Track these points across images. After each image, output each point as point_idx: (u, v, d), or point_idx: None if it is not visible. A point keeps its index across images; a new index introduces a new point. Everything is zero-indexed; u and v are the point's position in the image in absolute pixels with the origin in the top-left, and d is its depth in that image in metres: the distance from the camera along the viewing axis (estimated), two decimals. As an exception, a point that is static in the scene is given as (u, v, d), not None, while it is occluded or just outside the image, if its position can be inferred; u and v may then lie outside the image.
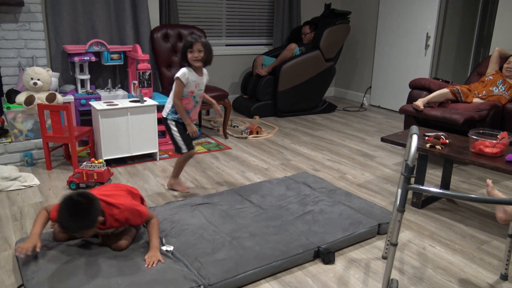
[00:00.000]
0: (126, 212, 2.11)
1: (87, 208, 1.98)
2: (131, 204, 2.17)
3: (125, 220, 2.12)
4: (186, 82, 2.71)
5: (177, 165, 2.97)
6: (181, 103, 2.74)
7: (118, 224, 2.13)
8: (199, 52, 2.66)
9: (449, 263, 2.27)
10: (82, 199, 1.98)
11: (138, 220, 2.17)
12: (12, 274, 2.06)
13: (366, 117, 5.44)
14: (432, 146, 2.76)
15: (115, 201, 2.11)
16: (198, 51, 2.66)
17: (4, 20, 3.65)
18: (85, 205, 1.98)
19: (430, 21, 5.17)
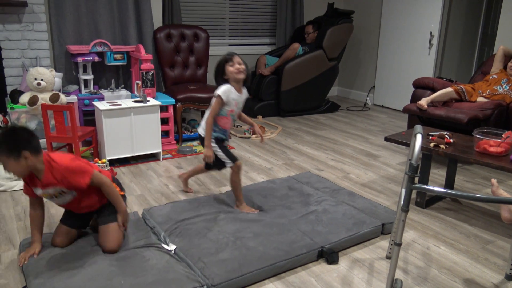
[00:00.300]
0: (63, 168, 1.96)
1: (17, 133, 1.91)
2: (72, 159, 2.03)
3: (63, 178, 1.97)
4: (227, 100, 2.53)
5: (234, 186, 2.66)
6: (215, 121, 2.58)
7: (56, 182, 1.98)
8: (239, 64, 2.51)
9: (454, 263, 2.26)
10: (19, 127, 1.96)
11: (79, 179, 1.99)
12: (17, 274, 2.07)
13: (370, 116, 5.43)
14: (436, 145, 2.75)
15: (56, 157, 1.99)
16: (239, 63, 2.51)
17: (7, 21, 3.66)
18: (17, 130, 1.93)
19: (434, 20, 5.14)
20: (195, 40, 4.66)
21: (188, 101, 4.08)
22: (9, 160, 1.90)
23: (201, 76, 4.73)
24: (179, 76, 4.60)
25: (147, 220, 2.52)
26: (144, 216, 2.57)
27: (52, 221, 2.58)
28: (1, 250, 2.27)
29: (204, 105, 4.19)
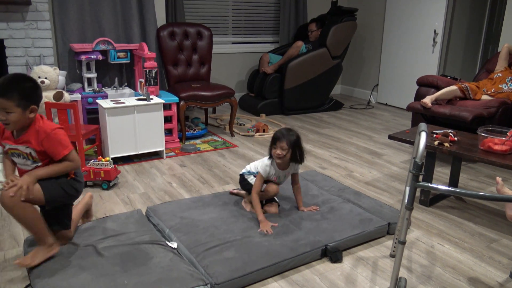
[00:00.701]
0: (51, 132, 1.95)
1: (32, 84, 1.95)
2: (61, 128, 2.01)
3: (44, 141, 1.94)
4: (266, 176, 2.52)
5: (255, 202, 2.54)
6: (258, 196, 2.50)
7: (34, 143, 1.94)
8: (282, 150, 2.40)
9: (458, 261, 2.25)
10: (31, 78, 1.99)
11: (59, 148, 1.96)
12: (21, 271, 2.07)
13: (373, 114, 5.41)
14: (441, 143, 2.74)
15: (46, 120, 2.01)
16: (281, 149, 2.40)
17: (11, 19, 3.67)
18: (32, 80, 1.97)
19: (438, 17, 5.12)
20: (199, 38, 4.66)
21: (192, 99, 4.08)
22: (16, 108, 1.87)
23: (205, 74, 4.72)
24: (183, 74, 4.60)
25: (150, 218, 2.53)
26: (148, 214, 2.57)
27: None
28: (6, 247, 2.28)
29: (208, 103, 4.19)
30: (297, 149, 2.43)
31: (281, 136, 2.41)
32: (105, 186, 3.01)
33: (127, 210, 2.72)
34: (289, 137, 2.40)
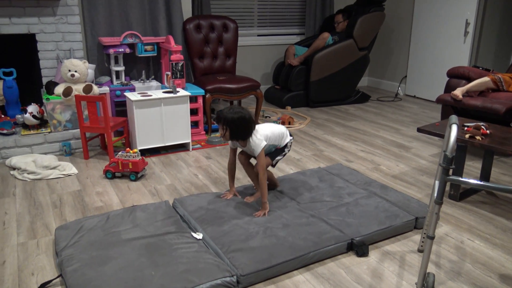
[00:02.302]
0: None
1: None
2: None
3: None
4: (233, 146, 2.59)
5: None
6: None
7: None
8: (221, 129, 2.42)
9: (489, 258, 2.19)
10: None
11: None
12: (52, 259, 2.14)
13: (401, 107, 5.31)
14: (472, 136, 2.66)
15: None
16: (220, 128, 2.43)
17: (42, 14, 3.76)
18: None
19: (470, 6, 4.96)
20: (224, 30, 4.66)
21: (217, 91, 4.10)
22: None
23: (230, 67, 4.73)
24: (208, 67, 4.62)
25: (177, 209, 2.56)
26: (175, 205, 2.61)
27: (86, 207, 2.66)
28: (39, 236, 2.36)
29: (233, 96, 4.20)
30: (235, 127, 2.37)
31: (218, 116, 2.41)
32: (133, 177, 3.07)
33: (154, 201, 2.76)
34: (226, 115, 2.37)
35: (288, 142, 2.68)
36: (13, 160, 3.25)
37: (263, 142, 2.46)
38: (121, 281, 1.88)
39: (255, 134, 2.46)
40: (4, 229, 2.43)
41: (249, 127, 2.42)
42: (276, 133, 2.60)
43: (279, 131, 2.62)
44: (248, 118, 2.41)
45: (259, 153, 2.46)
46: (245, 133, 2.43)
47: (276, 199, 2.66)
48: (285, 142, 2.66)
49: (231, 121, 2.37)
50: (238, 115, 2.37)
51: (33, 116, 3.47)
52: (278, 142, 2.62)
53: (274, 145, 2.62)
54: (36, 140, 3.45)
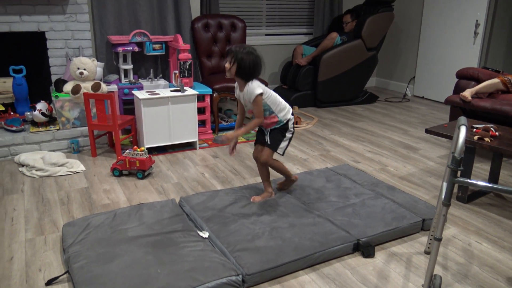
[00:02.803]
0: None
1: None
2: None
3: None
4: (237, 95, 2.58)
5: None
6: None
7: None
8: (228, 62, 2.43)
9: (497, 260, 2.18)
10: None
11: None
12: (59, 256, 2.16)
13: (409, 108, 5.28)
14: (481, 138, 2.64)
15: None
16: (227, 62, 2.44)
17: (52, 12, 3.78)
18: None
19: (480, 7, 4.92)
20: (232, 30, 4.67)
21: (225, 90, 4.10)
22: None
23: (238, 66, 4.72)
24: (216, 66, 4.63)
25: (183, 207, 2.57)
26: (181, 203, 2.62)
27: (93, 205, 2.67)
28: (47, 232, 2.37)
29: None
30: (243, 64, 2.38)
31: (229, 50, 2.43)
32: (140, 175, 3.08)
33: (161, 199, 2.77)
34: (238, 50, 2.39)
35: (290, 120, 2.59)
36: (22, 157, 3.27)
37: (259, 88, 2.42)
38: (127, 278, 1.89)
39: (255, 81, 2.46)
40: (12, 225, 2.45)
41: (256, 69, 2.43)
42: (274, 96, 2.54)
43: (280, 99, 2.57)
44: (259, 61, 2.43)
45: (255, 100, 2.42)
46: (250, 73, 2.42)
47: (282, 198, 2.65)
48: (285, 115, 2.56)
49: (242, 57, 2.38)
50: (251, 54, 2.40)
51: (42, 113, 3.50)
52: (275, 107, 2.53)
53: (270, 107, 2.52)
54: (44, 137, 3.47)
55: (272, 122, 2.57)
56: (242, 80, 2.46)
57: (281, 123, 2.57)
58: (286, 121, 2.58)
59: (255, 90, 2.41)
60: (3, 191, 2.87)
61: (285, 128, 2.59)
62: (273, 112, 2.54)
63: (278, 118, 2.55)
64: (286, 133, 2.60)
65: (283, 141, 2.60)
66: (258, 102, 2.44)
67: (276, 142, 2.58)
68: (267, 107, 2.52)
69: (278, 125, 2.57)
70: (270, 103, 2.52)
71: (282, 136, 2.59)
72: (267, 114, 2.54)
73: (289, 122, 2.59)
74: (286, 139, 2.60)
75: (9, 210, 2.62)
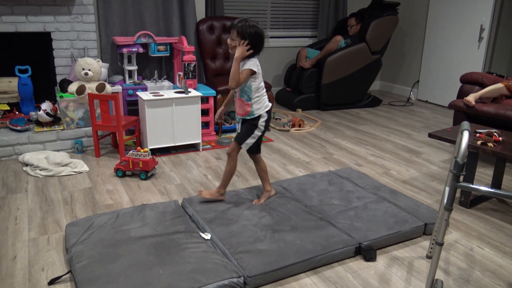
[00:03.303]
0: None
1: None
2: None
3: None
4: None
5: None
6: None
7: None
8: (230, 39, 2.43)
9: (499, 266, 2.17)
10: None
11: None
12: (62, 255, 2.17)
13: (413, 112, 5.28)
14: (484, 143, 2.64)
15: None
16: (230, 38, 2.44)
17: (58, 13, 3.81)
18: None
19: (485, 12, 4.92)
20: (237, 32, 4.67)
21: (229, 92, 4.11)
22: None
23: (242, 68, 4.74)
24: (220, 68, 4.64)
25: (186, 208, 2.58)
26: (184, 205, 2.62)
27: (96, 205, 2.69)
28: (50, 232, 2.39)
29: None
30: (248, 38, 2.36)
31: (232, 25, 2.41)
32: (143, 176, 3.09)
33: (164, 200, 2.78)
34: (241, 24, 2.37)
35: (262, 117, 2.52)
36: (26, 157, 3.29)
37: (254, 66, 2.41)
38: (129, 278, 1.90)
39: (255, 59, 2.45)
40: (16, 224, 2.46)
41: (261, 42, 2.43)
42: (262, 86, 2.51)
43: (264, 92, 2.52)
44: (263, 34, 2.43)
45: (243, 71, 2.40)
46: (254, 47, 2.41)
47: (285, 201, 2.66)
48: (258, 110, 2.50)
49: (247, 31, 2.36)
50: (254, 27, 2.39)
51: (46, 113, 3.52)
52: (254, 95, 2.47)
53: (250, 92, 2.47)
54: (49, 137, 3.49)
55: (244, 111, 2.52)
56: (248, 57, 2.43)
57: (251, 116, 2.52)
58: (257, 116, 2.52)
59: (251, 66, 2.41)
60: (7, 190, 2.89)
61: (254, 124, 2.53)
62: (250, 100, 2.49)
63: (251, 108, 2.50)
64: (255, 130, 2.54)
65: (251, 137, 2.54)
66: (244, 74, 2.41)
67: (243, 136, 2.55)
68: (248, 90, 2.48)
69: (249, 116, 2.52)
70: (254, 88, 2.47)
71: (250, 132, 2.54)
72: (244, 98, 2.50)
73: (260, 119, 2.53)
74: (254, 137, 2.55)
75: (13, 209, 2.63)
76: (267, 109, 2.56)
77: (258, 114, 2.52)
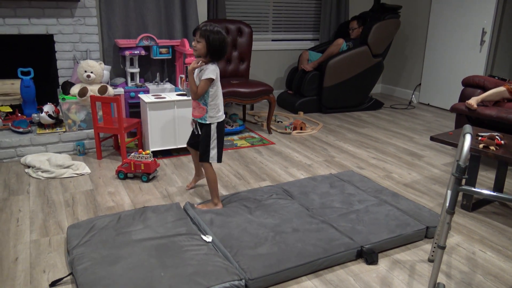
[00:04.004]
0: None
1: None
2: None
3: None
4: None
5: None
6: None
7: None
8: (195, 41, 2.45)
9: (501, 270, 2.17)
10: None
11: None
12: (64, 257, 2.17)
13: (415, 115, 5.28)
14: (486, 146, 2.64)
15: None
16: (195, 40, 2.45)
17: (61, 15, 3.82)
18: None
19: (487, 15, 4.92)
20: (239, 35, 4.69)
21: (230, 95, 4.12)
22: None
23: (244, 71, 4.75)
24: (222, 71, 4.65)
25: (187, 211, 2.57)
26: (185, 207, 2.62)
27: (98, 207, 2.69)
28: (51, 234, 2.39)
29: (246, 100, 4.21)
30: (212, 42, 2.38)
31: (197, 28, 2.43)
32: (145, 179, 3.09)
33: (165, 202, 2.78)
34: (205, 28, 2.39)
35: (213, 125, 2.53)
36: (28, 158, 3.30)
37: (213, 73, 2.43)
38: (130, 281, 1.89)
39: (215, 65, 2.47)
40: (18, 226, 2.47)
41: (224, 48, 2.45)
42: (219, 93, 2.54)
43: (220, 101, 2.55)
44: (226, 41, 2.46)
45: (202, 82, 2.43)
46: (217, 52, 2.43)
47: (286, 204, 2.66)
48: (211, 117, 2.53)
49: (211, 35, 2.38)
50: (219, 33, 2.41)
51: (48, 115, 3.53)
52: (210, 101, 2.50)
53: (207, 98, 2.50)
54: (51, 139, 3.50)
55: (199, 113, 2.55)
56: (208, 59, 2.46)
57: (204, 121, 2.54)
58: (208, 124, 2.54)
59: (210, 74, 2.43)
60: (9, 192, 2.90)
61: (208, 134, 2.55)
62: (206, 105, 2.52)
63: (205, 113, 2.53)
64: (210, 140, 2.56)
65: (211, 149, 2.57)
66: (203, 84, 2.45)
67: (205, 153, 2.58)
68: (206, 95, 2.50)
69: (201, 120, 2.55)
70: (211, 94, 2.50)
71: (207, 145, 2.56)
72: (201, 102, 2.53)
73: (211, 126, 2.54)
74: (213, 147, 2.57)
75: (14, 211, 2.64)
76: (219, 120, 2.57)
77: (210, 122, 2.54)
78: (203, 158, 2.59)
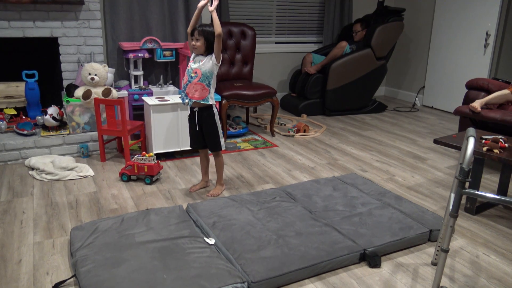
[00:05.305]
0: None
1: None
2: None
3: None
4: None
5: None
6: None
7: None
8: (195, 40, 2.70)
9: (505, 273, 2.16)
10: None
11: None
12: (67, 259, 2.18)
13: (418, 118, 5.26)
14: (490, 149, 2.63)
15: None
16: (195, 40, 2.70)
17: (65, 18, 3.85)
18: None
19: (491, 18, 4.91)
20: (242, 37, 4.70)
21: (234, 98, 4.12)
22: None
23: (247, 74, 4.76)
24: (225, 73, 4.66)
25: (190, 214, 2.58)
26: (188, 210, 2.63)
27: (101, 209, 2.70)
28: (55, 236, 2.40)
29: (249, 103, 4.22)
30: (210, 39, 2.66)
31: (195, 29, 2.68)
32: (148, 181, 3.10)
33: (168, 204, 2.79)
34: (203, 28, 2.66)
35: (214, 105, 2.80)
36: (32, 161, 3.32)
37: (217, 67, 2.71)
38: (133, 283, 1.90)
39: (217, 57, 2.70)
40: (21, 228, 2.48)
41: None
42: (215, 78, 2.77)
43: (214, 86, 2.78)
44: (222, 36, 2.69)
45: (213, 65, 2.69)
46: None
47: (289, 206, 2.66)
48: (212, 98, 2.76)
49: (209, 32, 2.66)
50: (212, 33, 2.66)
51: (53, 117, 3.54)
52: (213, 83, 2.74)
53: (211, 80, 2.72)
54: (55, 141, 3.51)
55: (202, 94, 2.72)
56: (208, 54, 2.70)
57: (206, 101, 2.75)
58: (210, 106, 2.79)
59: (215, 60, 2.69)
60: (13, 194, 2.91)
61: (211, 115, 2.79)
62: (209, 86, 2.73)
63: (208, 94, 2.74)
64: (218, 131, 2.83)
65: (220, 138, 2.85)
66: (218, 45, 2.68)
67: (216, 143, 2.86)
68: (210, 76, 2.72)
69: (204, 101, 2.74)
70: (214, 76, 2.75)
71: (216, 136, 2.83)
72: (205, 83, 2.72)
73: (214, 110, 2.80)
74: (221, 136, 2.86)
75: (18, 213, 2.65)
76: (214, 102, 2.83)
77: (212, 103, 2.78)
78: (216, 148, 2.88)
